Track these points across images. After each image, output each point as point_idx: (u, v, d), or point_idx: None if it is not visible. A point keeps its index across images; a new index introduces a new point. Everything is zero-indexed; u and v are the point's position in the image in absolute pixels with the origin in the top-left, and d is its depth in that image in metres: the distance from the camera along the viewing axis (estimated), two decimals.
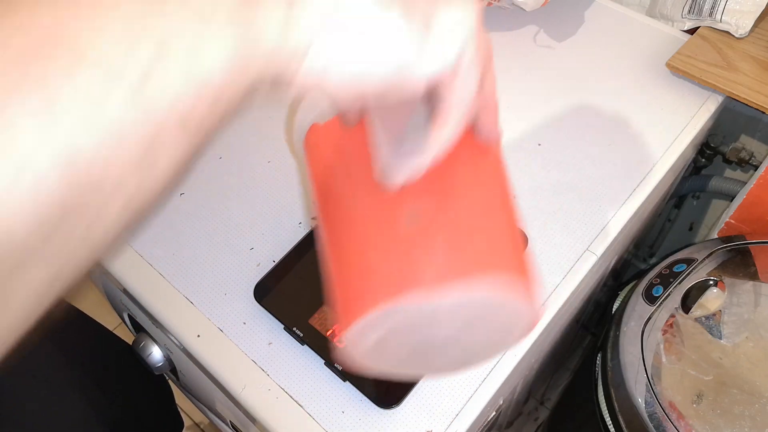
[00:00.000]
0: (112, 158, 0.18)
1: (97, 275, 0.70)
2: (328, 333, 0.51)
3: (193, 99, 0.20)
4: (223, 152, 0.65)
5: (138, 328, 0.71)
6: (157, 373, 0.68)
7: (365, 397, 0.49)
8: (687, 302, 0.63)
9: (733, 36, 0.65)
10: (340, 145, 0.33)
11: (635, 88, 0.67)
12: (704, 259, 0.66)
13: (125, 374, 0.72)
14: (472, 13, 0.25)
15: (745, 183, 0.76)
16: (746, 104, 0.62)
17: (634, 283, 0.69)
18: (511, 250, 0.28)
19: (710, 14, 0.65)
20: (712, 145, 0.82)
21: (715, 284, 0.63)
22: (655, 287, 0.65)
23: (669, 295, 0.64)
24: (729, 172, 0.89)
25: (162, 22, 0.19)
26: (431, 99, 0.27)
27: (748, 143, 0.83)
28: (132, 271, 0.58)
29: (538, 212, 0.59)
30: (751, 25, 0.64)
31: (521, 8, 0.62)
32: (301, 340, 0.51)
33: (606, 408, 0.64)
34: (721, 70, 0.64)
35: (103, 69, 0.18)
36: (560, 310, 0.54)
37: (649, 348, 0.61)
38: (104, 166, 0.18)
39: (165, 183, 0.21)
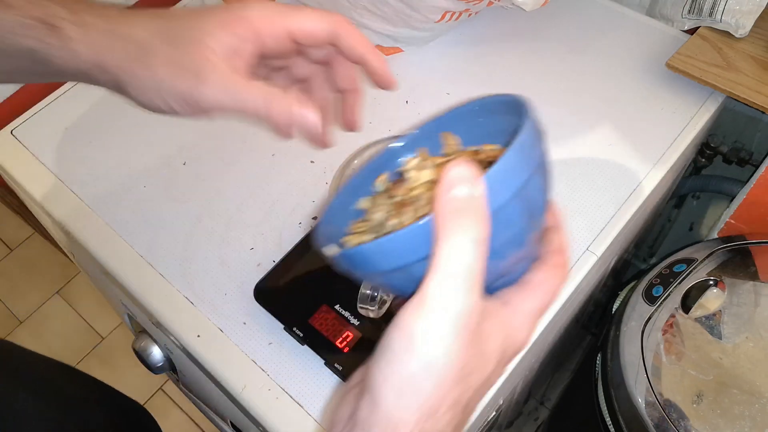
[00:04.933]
0: None
1: (98, 275, 0.70)
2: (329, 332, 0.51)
3: None
4: (224, 152, 0.65)
5: (138, 328, 0.71)
6: (157, 374, 0.68)
7: None
8: (687, 302, 0.63)
9: (733, 36, 0.65)
10: None
11: (635, 88, 0.67)
12: (704, 259, 0.66)
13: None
14: None
15: (745, 183, 0.76)
16: (746, 104, 0.61)
17: (634, 283, 0.69)
18: None
19: (710, 14, 0.65)
20: (712, 145, 0.82)
21: (715, 284, 0.63)
22: (655, 287, 0.65)
23: (669, 295, 0.64)
24: (729, 172, 0.89)
25: None
26: None
27: (748, 143, 0.83)
28: (132, 271, 0.58)
29: None
30: (751, 25, 0.63)
31: (521, 8, 0.62)
32: (301, 340, 0.51)
33: (606, 408, 0.64)
34: (721, 70, 0.63)
35: None
36: (560, 310, 0.54)
37: (649, 348, 0.61)
38: None
39: None
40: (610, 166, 0.61)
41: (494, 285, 0.32)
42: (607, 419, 0.64)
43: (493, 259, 0.30)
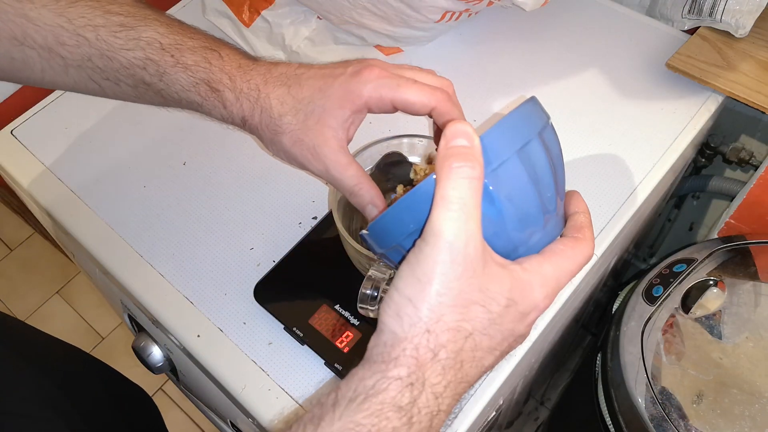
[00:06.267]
0: None
1: (97, 275, 0.70)
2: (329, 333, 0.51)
3: None
4: (224, 152, 0.65)
5: (138, 328, 0.71)
6: (157, 374, 0.68)
7: None
8: (687, 302, 0.63)
9: (733, 36, 0.65)
10: None
11: (635, 88, 0.67)
12: (704, 259, 0.66)
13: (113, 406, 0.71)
14: None
15: (745, 183, 0.76)
16: (746, 104, 0.62)
17: (634, 283, 0.69)
18: None
19: (710, 14, 0.65)
20: (712, 145, 0.82)
21: (715, 284, 0.63)
22: (655, 287, 0.65)
23: (669, 295, 0.64)
24: (729, 172, 0.89)
25: None
26: None
27: (748, 143, 0.83)
28: (132, 271, 0.58)
29: None
30: (751, 25, 0.63)
31: (521, 8, 0.62)
32: (301, 340, 0.51)
33: (606, 408, 0.64)
34: (721, 70, 0.64)
35: None
36: (560, 310, 0.54)
37: (649, 348, 0.61)
38: None
39: None
40: (610, 165, 0.61)
41: (512, 256, 0.34)
42: (607, 419, 0.64)
43: (504, 225, 0.33)
